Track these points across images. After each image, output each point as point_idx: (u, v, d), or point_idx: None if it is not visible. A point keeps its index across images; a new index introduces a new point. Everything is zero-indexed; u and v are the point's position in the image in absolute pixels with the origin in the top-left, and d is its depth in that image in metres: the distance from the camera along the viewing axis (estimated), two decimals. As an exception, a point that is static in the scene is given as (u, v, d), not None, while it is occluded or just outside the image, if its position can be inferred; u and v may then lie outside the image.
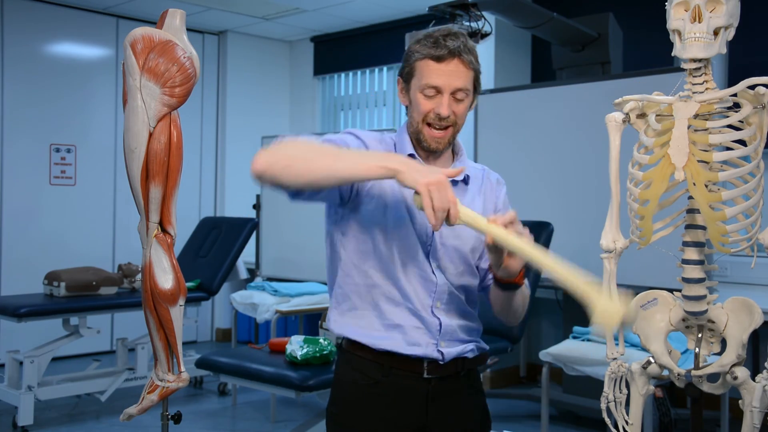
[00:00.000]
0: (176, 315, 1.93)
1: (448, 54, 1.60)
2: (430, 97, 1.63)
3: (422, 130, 1.65)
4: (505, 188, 1.82)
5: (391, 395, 1.65)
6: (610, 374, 1.98)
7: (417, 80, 1.64)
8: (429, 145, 1.66)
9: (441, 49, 1.61)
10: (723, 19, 1.75)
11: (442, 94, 1.62)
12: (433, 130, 1.64)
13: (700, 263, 1.83)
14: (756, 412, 1.77)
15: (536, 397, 4.41)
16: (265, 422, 4.34)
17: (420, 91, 1.63)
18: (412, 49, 1.65)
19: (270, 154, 1.48)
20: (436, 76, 1.61)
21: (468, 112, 1.70)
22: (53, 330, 4.46)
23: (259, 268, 5.94)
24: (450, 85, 1.61)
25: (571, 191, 4.37)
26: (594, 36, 4.47)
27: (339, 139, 1.65)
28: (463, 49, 1.62)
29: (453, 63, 1.61)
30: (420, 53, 1.63)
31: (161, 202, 1.90)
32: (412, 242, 1.65)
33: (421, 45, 1.64)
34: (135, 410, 2.00)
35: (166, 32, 1.86)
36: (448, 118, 1.63)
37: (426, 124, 1.64)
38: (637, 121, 1.93)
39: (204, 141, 6.76)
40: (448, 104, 1.62)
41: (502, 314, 1.76)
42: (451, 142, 1.70)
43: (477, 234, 1.66)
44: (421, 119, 1.64)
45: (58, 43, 5.97)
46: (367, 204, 1.64)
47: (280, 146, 1.50)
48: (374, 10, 5.89)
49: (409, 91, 1.67)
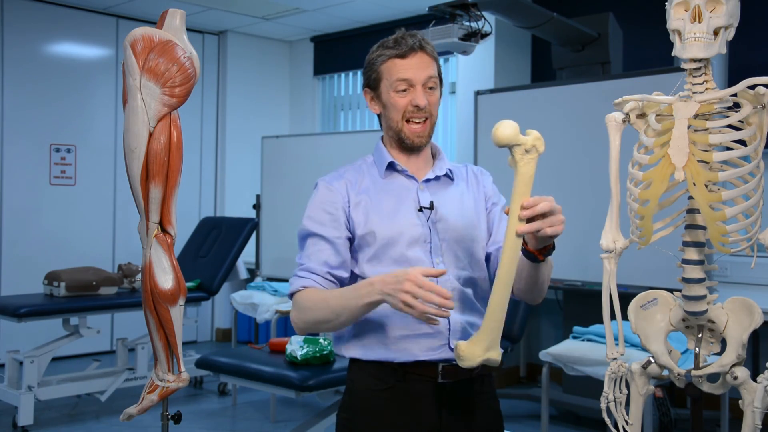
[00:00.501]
0: (176, 315, 1.93)
1: (410, 49, 1.68)
2: (403, 93, 1.69)
3: (403, 129, 1.71)
4: (490, 177, 1.87)
5: (406, 399, 1.66)
6: (610, 374, 1.97)
7: (387, 81, 1.70)
8: (412, 141, 1.72)
9: (402, 47, 1.68)
10: (723, 19, 1.75)
11: (415, 87, 1.68)
12: (413, 125, 1.71)
13: (700, 263, 1.83)
14: (757, 412, 1.77)
15: (536, 397, 4.41)
16: (265, 422, 4.34)
17: (393, 90, 1.69)
18: (373, 56, 1.72)
19: (298, 318, 1.68)
20: (406, 72, 1.68)
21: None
22: (53, 330, 4.46)
23: (259, 268, 5.94)
24: (420, 76, 1.68)
25: (571, 191, 4.37)
26: (594, 36, 4.47)
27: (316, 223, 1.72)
28: (423, 43, 1.70)
29: (417, 56, 1.69)
30: (383, 56, 1.70)
31: (161, 202, 1.90)
32: (411, 255, 1.67)
33: (382, 49, 1.71)
34: (135, 410, 2.00)
35: (166, 32, 1.86)
36: (425, 109, 1.69)
37: (405, 121, 1.71)
38: (637, 121, 1.92)
39: (204, 141, 6.76)
40: (422, 94, 1.68)
41: (527, 292, 1.72)
42: (431, 135, 1.76)
43: (475, 222, 1.75)
44: (401, 117, 1.70)
45: (58, 43, 5.97)
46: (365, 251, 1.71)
47: (301, 311, 1.67)
48: (374, 10, 5.89)
49: (380, 97, 1.73)
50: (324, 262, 1.68)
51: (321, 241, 1.70)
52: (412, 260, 1.67)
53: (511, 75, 5.44)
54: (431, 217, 1.71)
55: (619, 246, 1.96)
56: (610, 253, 1.98)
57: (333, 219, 1.70)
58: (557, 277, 4.36)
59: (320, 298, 1.64)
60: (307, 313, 1.65)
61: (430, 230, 1.70)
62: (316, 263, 1.69)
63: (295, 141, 6.05)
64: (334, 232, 1.70)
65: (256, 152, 6.54)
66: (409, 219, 1.69)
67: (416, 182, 1.76)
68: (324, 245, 1.69)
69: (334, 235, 1.69)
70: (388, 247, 1.68)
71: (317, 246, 1.70)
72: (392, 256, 1.67)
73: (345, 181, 1.74)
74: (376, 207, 1.71)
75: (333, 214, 1.70)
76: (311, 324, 1.67)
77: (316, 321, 1.65)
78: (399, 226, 1.68)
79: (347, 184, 1.74)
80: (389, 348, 1.66)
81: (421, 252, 1.68)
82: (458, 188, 1.79)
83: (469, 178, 1.84)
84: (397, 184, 1.75)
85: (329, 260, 1.69)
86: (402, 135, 1.72)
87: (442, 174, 1.78)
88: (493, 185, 1.86)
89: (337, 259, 1.69)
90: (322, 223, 1.71)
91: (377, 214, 1.70)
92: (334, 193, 1.72)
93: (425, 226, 1.70)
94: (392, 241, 1.67)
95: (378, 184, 1.75)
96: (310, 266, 1.69)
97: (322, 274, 1.68)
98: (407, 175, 1.76)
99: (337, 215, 1.70)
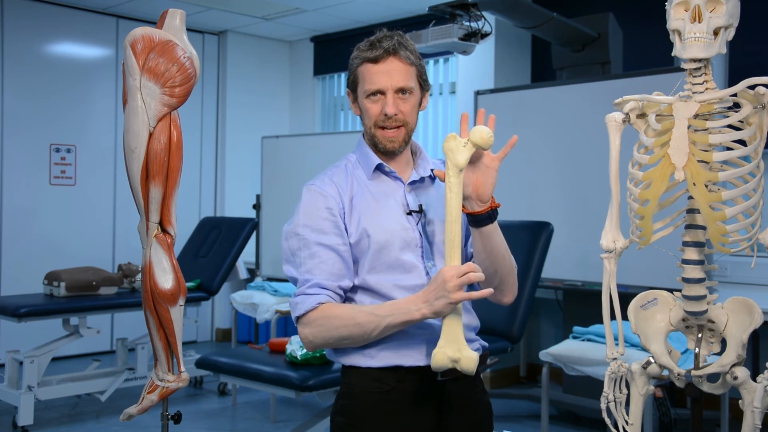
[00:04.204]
0: (176, 315, 1.93)
1: (384, 53, 1.64)
2: (376, 101, 1.66)
3: (375, 134, 1.69)
4: None
5: (408, 399, 1.64)
6: (610, 374, 1.97)
7: (361, 87, 1.68)
8: (384, 146, 1.69)
9: (376, 50, 1.64)
10: (723, 19, 1.75)
11: (386, 94, 1.65)
12: (386, 130, 1.68)
13: (700, 263, 1.83)
14: (757, 412, 1.77)
15: (536, 397, 4.41)
16: (265, 422, 4.34)
17: (365, 97, 1.67)
18: (352, 56, 1.70)
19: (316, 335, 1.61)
20: (376, 79, 1.64)
21: (419, 111, 1.73)
22: (53, 330, 4.46)
23: (259, 268, 5.94)
24: (391, 85, 1.65)
25: (571, 191, 4.37)
26: (594, 36, 4.47)
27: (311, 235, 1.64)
28: (398, 47, 1.65)
29: (389, 61, 1.65)
30: (358, 58, 1.67)
31: (161, 202, 1.90)
32: (405, 260, 1.65)
33: (359, 51, 1.68)
34: (135, 410, 2.00)
35: (166, 32, 1.86)
36: (396, 117, 1.66)
37: (378, 128, 1.68)
38: (637, 121, 1.92)
39: (204, 141, 6.76)
40: (393, 102, 1.65)
41: (491, 277, 1.68)
42: (407, 141, 1.72)
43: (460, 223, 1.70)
44: (373, 124, 1.68)
45: (58, 43, 5.97)
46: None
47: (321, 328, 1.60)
48: (374, 10, 5.89)
49: (358, 101, 1.70)
50: (332, 274, 1.62)
51: (324, 251, 1.63)
52: (406, 265, 1.65)
53: (511, 75, 5.44)
54: (420, 220, 1.69)
55: (619, 246, 1.96)
56: (610, 253, 1.98)
57: (334, 225, 1.64)
58: (557, 277, 4.37)
59: (347, 315, 1.58)
60: (330, 331, 1.59)
61: (421, 235, 1.68)
62: (323, 277, 1.62)
63: (295, 141, 6.05)
64: (337, 239, 1.64)
65: (256, 152, 6.54)
66: (400, 222, 1.67)
67: (402, 184, 1.73)
68: (328, 255, 1.63)
69: (337, 243, 1.64)
70: (382, 252, 1.64)
71: (320, 257, 1.62)
72: (386, 261, 1.64)
73: (336, 186, 1.68)
74: (366, 211, 1.67)
75: (333, 221, 1.65)
76: (333, 341, 1.61)
77: (340, 338, 1.59)
78: (391, 231, 1.65)
79: (339, 190, 1.68)
80: (390, 355, 1.64)
81: (413, 257, 1.66)
82: (441, 188, 1.75)
83: None
84: (385, 186, 1.71)
85: (336, 271, 1.63)
86: (375, 140, 1.69)
87: (426, 175, 1.75)
88: None
89: (343, 268, 1.64)
90: (323, 231, 1.64)
91: (369, 219, 1.66)
92: (329, 199, 1.66)
93: (415, 230, 1.68)
94: (386, 244, 1.64)
95: (366, 187, 1.70)
96: (319, 282, 1.61)
97: (333, 289, 1.62)
98: (394, 177, 1.73)
99: (337, 222, 1.65)
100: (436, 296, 1.48)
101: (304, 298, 1.61)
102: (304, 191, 1.69)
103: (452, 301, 1.47)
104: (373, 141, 1.70)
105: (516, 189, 4.53)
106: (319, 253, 1.63)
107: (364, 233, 1.64)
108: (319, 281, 1.61)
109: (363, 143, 1.75)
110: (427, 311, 1.50)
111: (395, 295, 1.63)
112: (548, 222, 3.64)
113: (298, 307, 1.62)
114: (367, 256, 1.64)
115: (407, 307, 1.53)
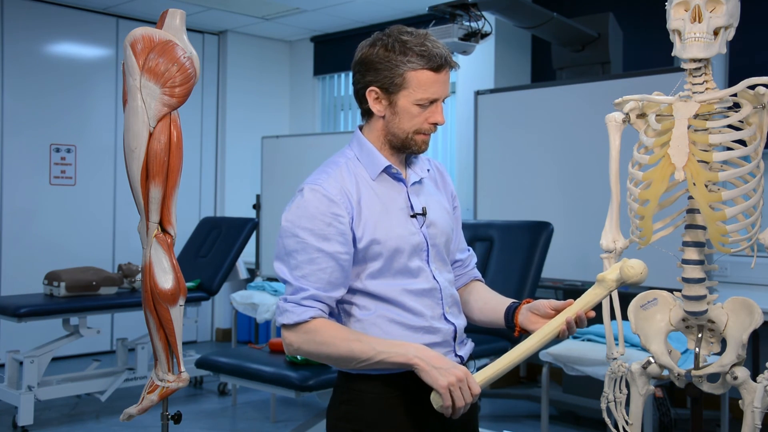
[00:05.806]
0: (176, 315, 1.93)
1: (445, 63, 1.59)
2: (424, 107, 1.60)
3: (414, 138, 1.62)
4: (448, 172, 1.83)
5: (418, 399, 1.61)
6: (610, 374, 1.98)
7: (410, 92, 1.58)
8: (420, 148, 1.65)
9: (436, 59, 1.58)
10: (723, 19, 1.75)
11: (436, 103, 1.61)
12: (425, 135, 1.64)
13: (700, 263, 1.83)
14: (757, 412, 1.77)
15: (536, 397, 4.41)
16: (265, 422, 4.34)
17: (415, 103, 1.59)
18: (397, 60, 1.57)
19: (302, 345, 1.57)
20: (435, 89, 1.59)
21: None
22: (53, 330, 4.46)
23: (259, 268, 5.94)
24: (444, 94, 1.62)
25: (571, 191, 4.37)
26: (594, 36, 4.47)
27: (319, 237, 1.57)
28: (450, 57, 1.62)
29: (445, 71, 1.61)
30: (413, 64, 1.57)
31: (161, 202, 1.90)
32: (413, 266, 1.63)
33: (411, 55, 1.57)
34: (135, 410, 2.00)
35: (166, 32, 1.86)
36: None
37: (418, 133, 1.63)
38: (637, 121, 1.93)
39: (204, 141, 6.76)
40: (442, 111, 1.63)
41: (477, 323, 1.81)
42: None
43: (452, 224, 1.74)
44: (413, 129, 1.62)
45: (58, 43, 5.97)
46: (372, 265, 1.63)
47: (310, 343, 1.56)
48: (374, 10, 5.89)
49: (393, 102, 1.60)
50: (328, 283, 1.55)
51: (324, 259, 1.54)
52: (413, 271, 1.61)
53: (511, 75, 5.44)
54: (423, 223, 1.65)
55: (619, 246, 1.96)
56: (610, 253, 1.98)
57: (339, 233, 1.55)
58: (557, 277, 4.37)
59: (342, 337, 1.54)
60: (319, 348, 1.55)
61: (425, 238, 1.64)
62: (319, 286, 1.55)
63: (295, 141, 6.05)
64: (340, 247, 1.55)
65: (256, 152, 6.54)
66: (407, 227, 1.62)
67: (404, 185, 1.67)
68: (327, 263, 1.55)
69: (339, 251, 1.55)
70: (393, 258, 1.60)
71: (318, 264, 1.55)
72: (396, 267, 1.60)
73: (343, 189, 1.59)
74: (376, 216, 1.60)
75: (338, 228, 1.55)
76: (317, 357, 1.57)
77: (327, 357, 1.56)
78: (400, 236, 1.60)
79: (347, 194, 1.59)
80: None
81: (419, 261, 1.63)
82: (432, 188, 1.73)
83: (435, 175, 1.77)
84: (389, 188, 1.65)
85: (333, 280, 1.56)
86: (409, 142, 1.63)
87: (424, 176, 1.71)
88: (451, 181, 1.82)
89: (340, 277, 1.57)
90: (326, 237, 1.55)
91: (379, 225, 1.59)
92: (337, 206, 1.56)
93: (420, 233, 1.63)
94: (398, 251, 1.60)
95: (372, 189, 1.63)
96: (314, 294, 1.55)
97: (326, 301, 1.57)
98: (398, 178, 1.67)
99: (343, 230, 1.56)
100: (439, 365, 1.48)
101: (296, 307, 1.55)
102: (307, 191, 1.58)
103: (446, 378, 1.48)
104: (402, 143, 1.63)
105: (516, 189, 4.53)
106: (318, 260, 1.56)
107: (374, 239, 1.58)
108: (314, 293, 1.54)
109: (364, 140, 1.67)
110: (422, 364, 1.49)
111: (403, 299, 1.60)
112: (548, 222, 3.64)
113: (287, 315, 1.56)
114: (376, 261, 1.59)
115: (406, 351, 1.51)
